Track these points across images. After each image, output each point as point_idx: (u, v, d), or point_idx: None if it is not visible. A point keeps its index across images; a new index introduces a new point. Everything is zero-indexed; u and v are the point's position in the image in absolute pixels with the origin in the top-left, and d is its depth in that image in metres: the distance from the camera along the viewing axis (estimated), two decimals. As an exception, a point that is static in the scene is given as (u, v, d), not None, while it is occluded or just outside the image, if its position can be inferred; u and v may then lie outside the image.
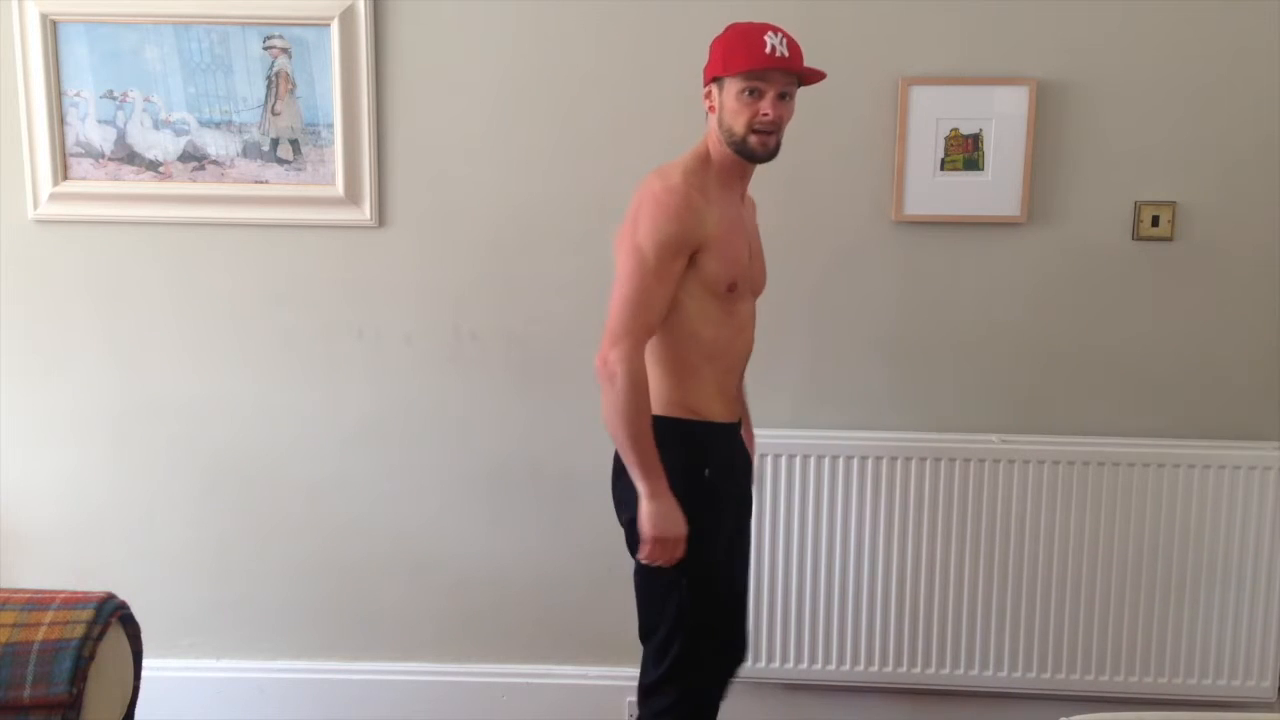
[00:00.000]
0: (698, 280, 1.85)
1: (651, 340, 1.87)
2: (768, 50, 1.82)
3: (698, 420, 1.90)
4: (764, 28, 1.85)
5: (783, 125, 1.87)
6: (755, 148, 1.86)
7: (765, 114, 1.84)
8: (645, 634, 1.97)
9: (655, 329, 1.84)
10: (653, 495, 1.82)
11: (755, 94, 1.84)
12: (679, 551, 1.84)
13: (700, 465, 1.89)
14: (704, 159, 1.91)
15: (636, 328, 1.80)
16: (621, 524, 1.96)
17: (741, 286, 1.92)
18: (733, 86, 1.85)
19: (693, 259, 1.84)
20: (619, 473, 1.94)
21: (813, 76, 1.88)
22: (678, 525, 1.84)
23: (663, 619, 1.92)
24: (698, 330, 1.88)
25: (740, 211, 1.95)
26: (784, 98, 1.86)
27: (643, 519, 1.83)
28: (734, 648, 2.08)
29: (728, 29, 1.89)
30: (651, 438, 1.82)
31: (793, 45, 1.86)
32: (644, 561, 1.86)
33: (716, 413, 1.93)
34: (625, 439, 1.81)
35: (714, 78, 1.88)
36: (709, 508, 1.87)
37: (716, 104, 1.88)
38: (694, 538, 1.87)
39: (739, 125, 1.85)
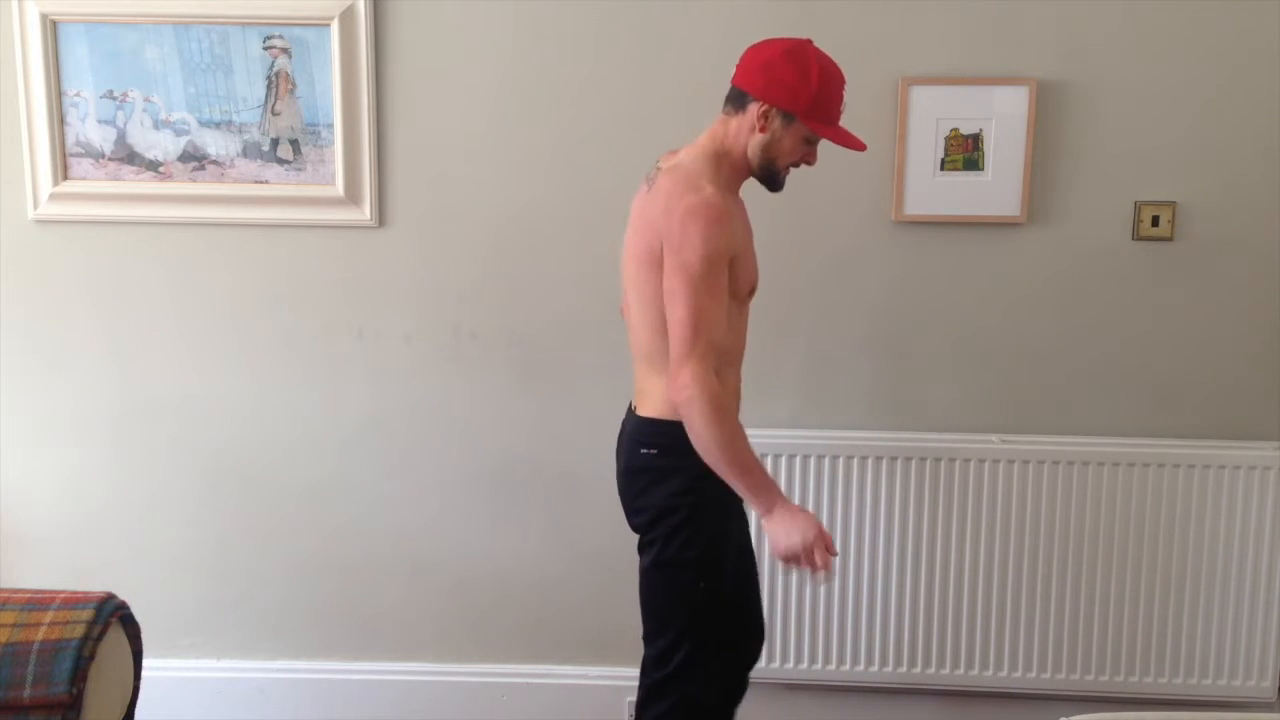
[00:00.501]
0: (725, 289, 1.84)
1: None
2: (843, 107, 1.86)
3: None
4: (841, 78, 1.85)
5: None
6: (783, 181, 1.90)
7: (812, 163, 1.90)
8: (650, 637, 1.96)
9: (720, 343, 1.78)
10: (769, 510, 1.78)
11: (813, 141, 1.87)
12: (824, 553, 1.78)
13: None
14: (715, 161, 1.86)
15: (702, 346, 1.75)
16: (634, 527, 1.96)
17: (755, 288, 1.93)
18: (802, 130, 1.83)
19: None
20: (634, 473, 1.93)
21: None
22: (808, 528, 1.78)
23: (670, 624, 1.91)
24: (721, 338, 1.86)
25: (745, 212, 1.95)
26: None
27: (772, 539, 1.79)
28: (748, 647, 2.07)
29: (816, 60, 1.81)
30: (751, 453, 1.79)
31: None
32: (787, 565, 1.80)
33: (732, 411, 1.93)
34: (722, 461, 1.76)
35: (787, 110, 1.81)
36: (724, 514, 1.87)
37: (771, 130, 1.83)
38: (709, 544, 1.87)
39: (784, 162, 1.87)
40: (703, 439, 1.76)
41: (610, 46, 2.39)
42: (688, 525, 1.86)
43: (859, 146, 1.86)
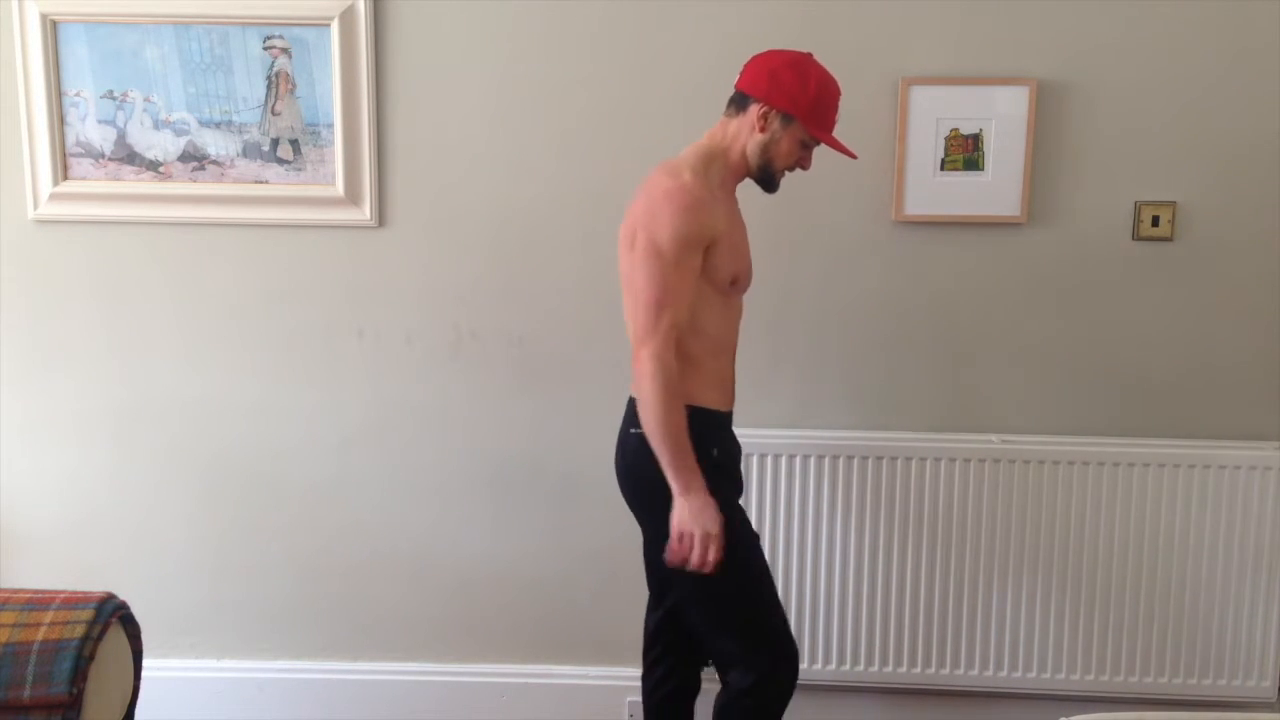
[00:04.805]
0: (704, 276, 1.87)
1: None
2: (837, 118, 1.94)
3: (699, 407, 1.90)
4: (838, 91, 1.93)
5: None
6: (778, 184, 1.97)
7: (807, 167, 1.97)
8: (712, 624, 1.97)
9: (682, 326, 1.84)
10: (686, 491, 1.81)
11: (809, 146, 1.94)
12: (713, 552, 1.81)
13: (707, 447, 1.90)
14: (711, 159, 1.92)
15: (664, 326, 1.81)
16: (632, 508, 1.98)
17: (741, 280, 1.96)
18: (799, 133, 1.90)
19: (704, 255, 1.85)
20: (624, 453, 1.95)
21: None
22: (712, 521, 1.81)
23: (703, 603, 1.93)
24: (703, 325, 1.90)
25: (737, 208, 1.97)
26: None
27: (679, 515, 1.81)
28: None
29: (816, 70, 1.90)
30: (686, 433, 1.82)
31: None
32: (669, 561, 1.83)
33: (714, 400, 1.95)
34: (658, 434, 1.80)
35: (786, 112, 1.88)
36: (721, 488, 1.87)
37: (770, 130, 1.90)
38: (726, 518, 1.88)
39: (781, 163, 1.93)
40: (649, 412, 1.81)
41: (610, 47, 2.39)
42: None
43: (851, 154, 1.96)
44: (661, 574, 1.97)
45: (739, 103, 1.92)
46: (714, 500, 1.82)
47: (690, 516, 1.80)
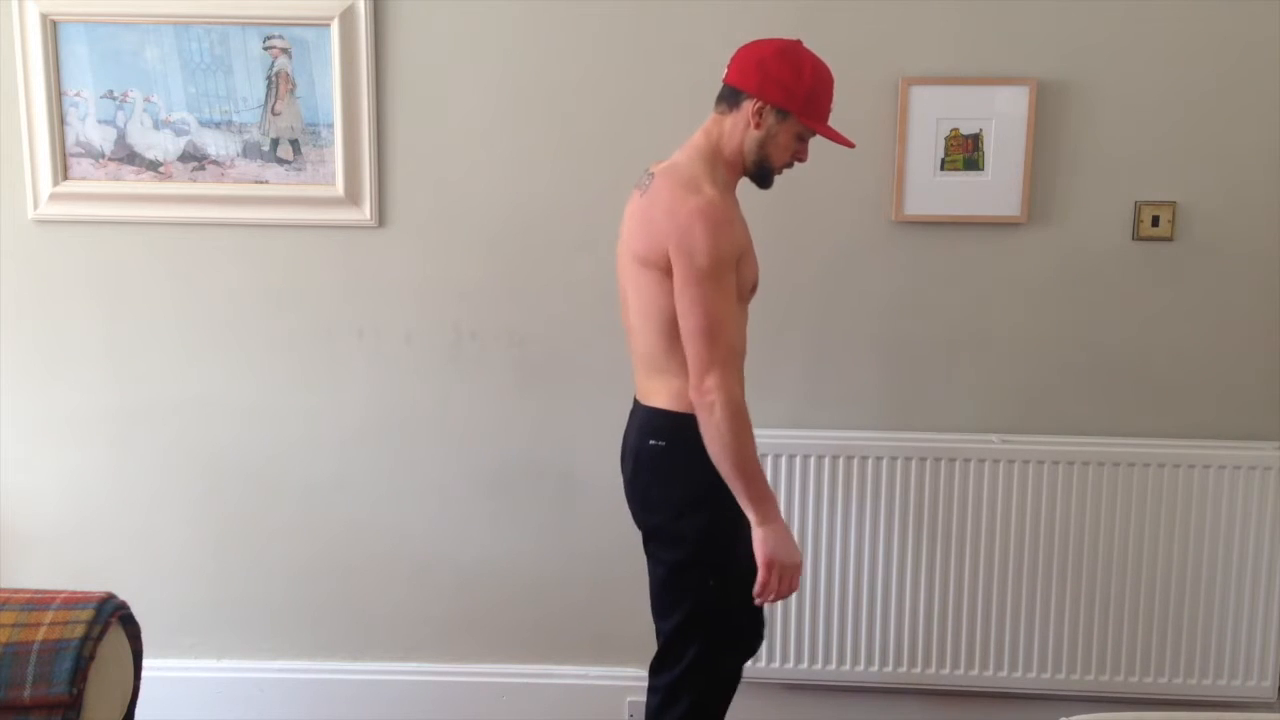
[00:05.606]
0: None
1: (678, 343, 1.82)
2: (831, 106, 1.88)
3: None
4: (831, 77, 1.86)
5: None
6: (774, 180, 1.91)
7: (804, 160, 1.91)
8: (661, 636, 1.97)
9: (740, 346, 1.81)
10: (764, 521, 1.80)
11: (805, 138, 1.88)
12: (795, 581, 1.83)
13: None
14: (711, 161, 1.86)
15: (722, 354, 1.76)
16: (642, 524, 1.96)
17: (757, 285, 1.94)
18: (796, 127, 1.84)
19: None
20: (642, 467, 1.92)
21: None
22: (793, 552, 1.82)
23: (681, 623, 1.91)
24: (736, 340, 1.87)
25: (741, 212, 1.95)
26: None
27: (765, 546, 1.80)
28: (750, 645, 2.06)
29: (808, 58, 1.83)
30: (758, 464, 1.81)
31: None
32: (758, 596, 1.83)
33: None
34: (731, 468, 1.78)
35: (782, 107, 1.82)
36: (734, 512, 1.86)
37: (766, 127, 1.83)
38: (725, 538, 1.87)
39: (779, 159, 1.87)
40: (717, 444, 1.78)
41: (610, 46, 2.39)
42: (699, 524, 1.86)
43: (849, 144, 1.89)
44: (671, 593, 1.94)
45: (730, 98, 1.86)
46: (789, 530, 1.83)
47: (777, 546, 1.80)
